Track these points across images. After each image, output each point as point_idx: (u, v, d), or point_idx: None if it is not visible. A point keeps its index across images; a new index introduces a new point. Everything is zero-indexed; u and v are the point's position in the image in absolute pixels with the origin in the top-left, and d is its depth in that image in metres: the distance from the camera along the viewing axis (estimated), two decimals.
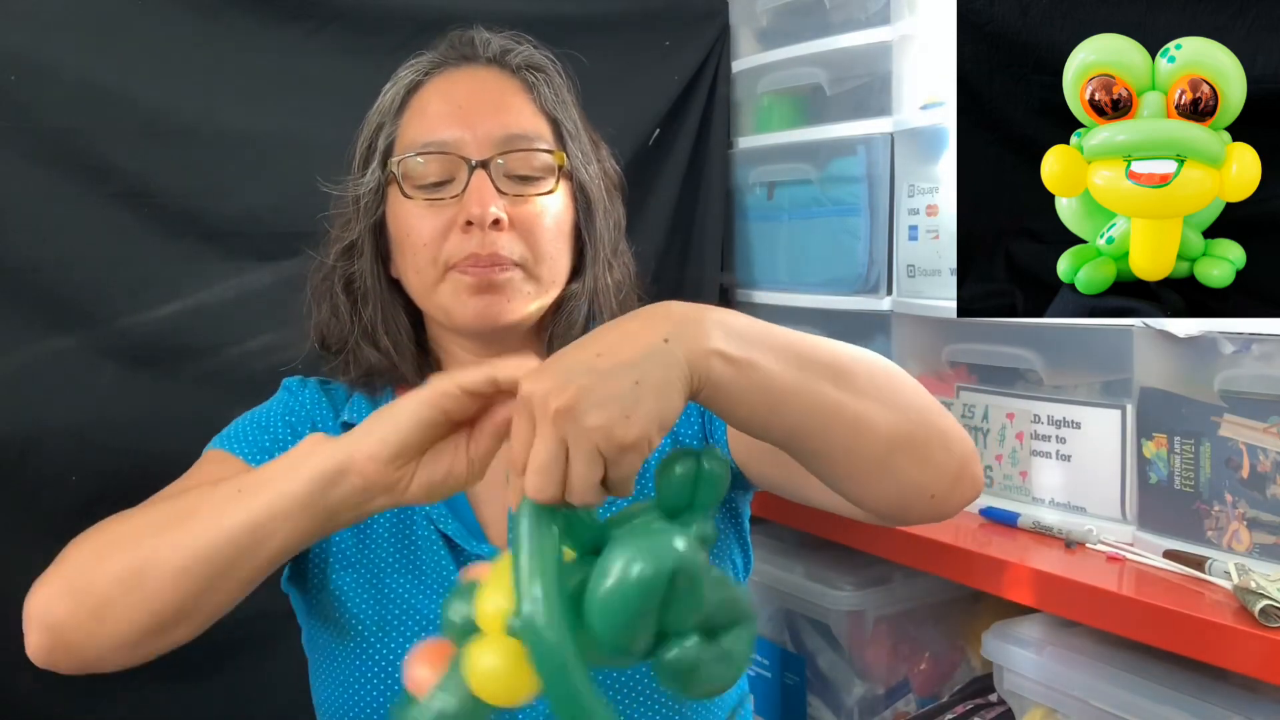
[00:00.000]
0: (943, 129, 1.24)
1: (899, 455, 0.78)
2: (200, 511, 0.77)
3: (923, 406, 0.80)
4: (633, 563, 0.60)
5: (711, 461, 0.67)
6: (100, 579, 0.78)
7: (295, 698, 1.04)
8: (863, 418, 0.75)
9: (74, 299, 1.26)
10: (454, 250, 0.92)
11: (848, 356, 0.78)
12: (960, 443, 0.81)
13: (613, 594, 0.60)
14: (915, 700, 1.34)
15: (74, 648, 0.79)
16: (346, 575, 0.94)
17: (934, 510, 0.82)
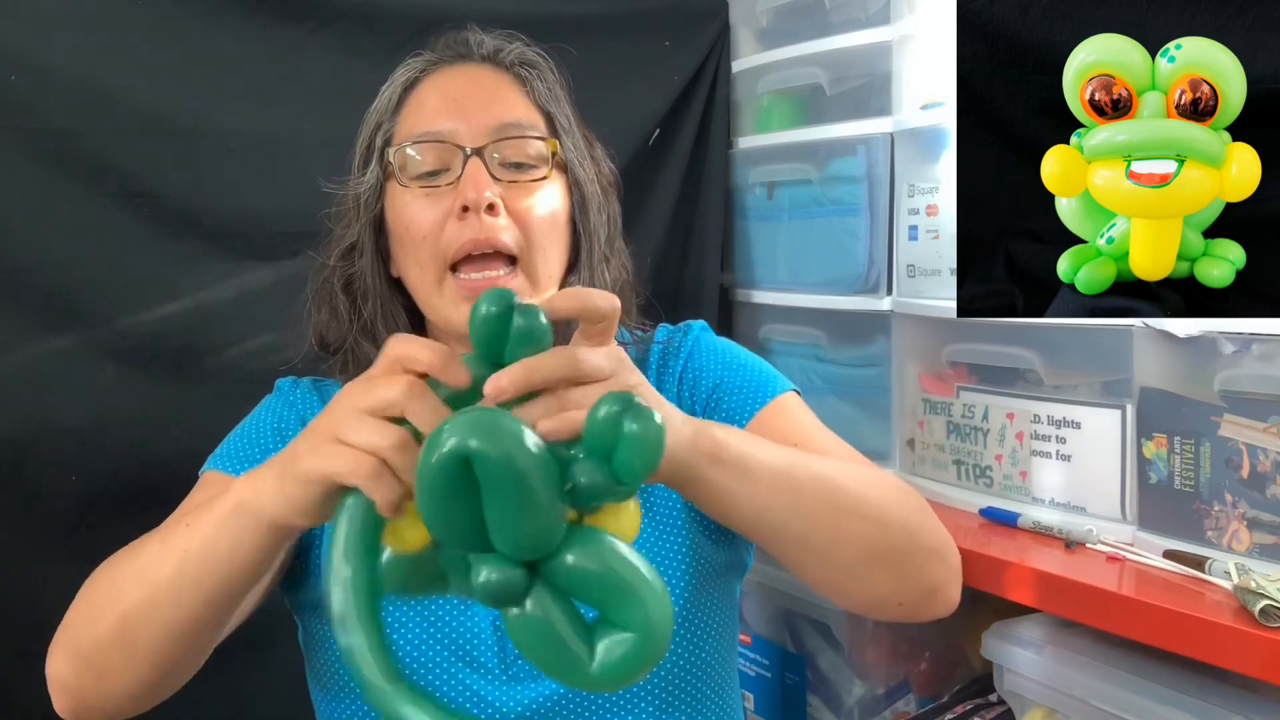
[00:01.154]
0: (943, 129, 1.24)
1: (874, 568, 0.82)
2: (162, 557, 0.78)
3: (908, 525, 0.84)
4: (444, 430, 0.58)
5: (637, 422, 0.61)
6: (96, 641, 0.79)
7: (295, 698, 1.05)
8: (843, 531, 0.80)
9: (74, 299, 1.26)
10: (452, 239, 0.93)
11: (842, 472, 0.82)
12: (940, 564, 0.86)
13: (422, 462, 0.59)
14: (915, 700, 1.34)
15: (92, 706, 0.81)
16: None
17: (901, 616, 0.87)
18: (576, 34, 1.20)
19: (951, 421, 1.26)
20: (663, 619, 0.61)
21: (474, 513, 0.60)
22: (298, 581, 0.97)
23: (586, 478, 0.61)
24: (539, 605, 0.61)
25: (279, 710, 1.25)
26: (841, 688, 1.33)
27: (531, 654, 0.62)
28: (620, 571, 0.61)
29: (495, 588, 0.60)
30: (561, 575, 0.61)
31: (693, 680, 0.94)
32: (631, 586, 0.61)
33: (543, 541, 0.61)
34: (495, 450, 0.57)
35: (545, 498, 0.59)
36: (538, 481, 0.59)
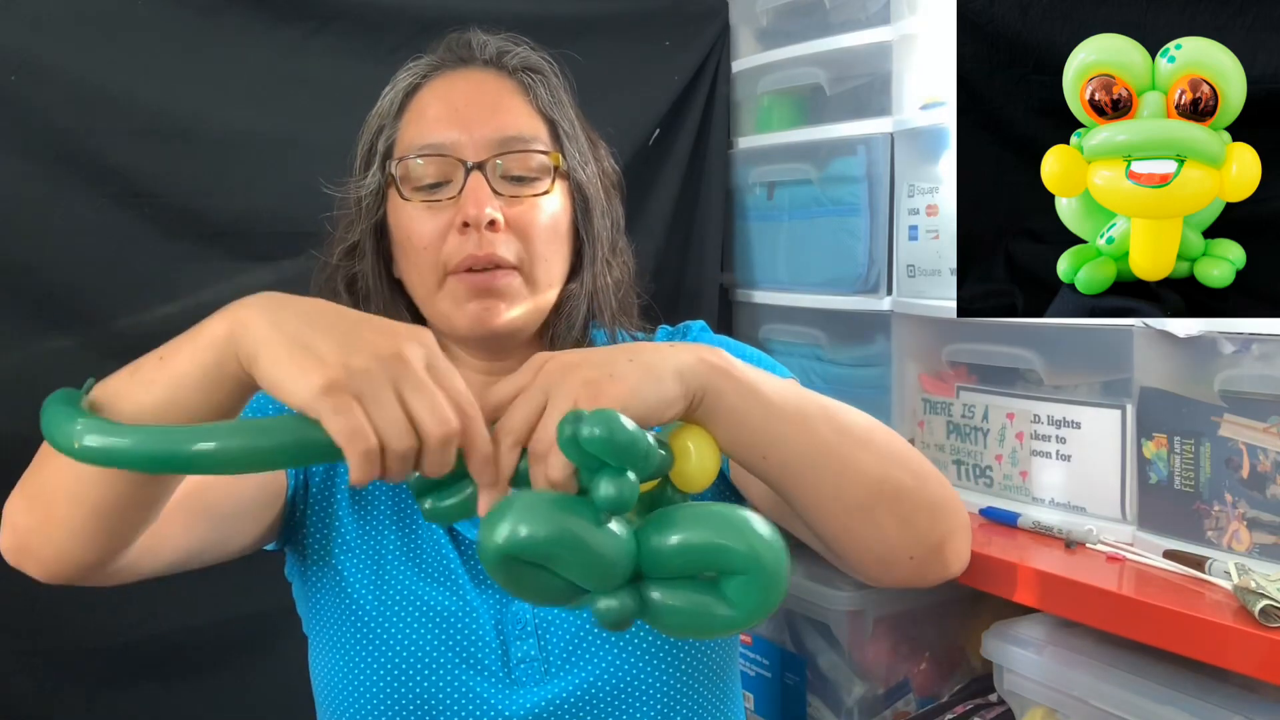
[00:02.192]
0: (943, 129, 1.24)
1: (882, 507, 0.80)
2: (122, 391, 0.74)
3: (915, 470, 0.83)
4: (486, 533, 0.63)
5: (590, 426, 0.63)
6: (49, 477, 0.77)
7: (295, 697, 1.05)
8: (852, 461, 0.79)
9: (74, 299, 1.26)
10: (452, 252, 0.93)
11: (850, 411, 0.82)
12: (950, 516, 0.84)
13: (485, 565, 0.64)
14: (915, 700, 1.34)
15: (33, 550, 0.78)
16: (348, 559, 0.94)
17: (913, 573, 0.84)
18: (576, 34, 1.20)
19: (951, 421, 1.26)
20: (766, 548, 0.64)
21: (550, 576, 0.64)
22: (304, 564, 0.97)
23: (607, 493, 0.64)
24: (660, 602, 0.65)
25: (279, 709, 1.25)
26: (841, 688, 1.33)
27: (682, 633, 0.67)
28: (701, 540, 0.64)
29: (614, 618, 0.65)
30: (660, 569, 0.65)
31: (694, 682, 0.94)
32: (717, 545, 0.64)
33: (618, 568, 0.64)
34: (528, 539, 0.62)
35: (591, 542, 0.63)
36: (572, 539, 0.62)
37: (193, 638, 1.31)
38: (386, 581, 0.93)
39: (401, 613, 0.92)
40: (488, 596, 0.93)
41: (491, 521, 0.63)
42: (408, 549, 0.95)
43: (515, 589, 0.65)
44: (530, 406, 0.69)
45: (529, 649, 0.91)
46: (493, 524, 0.62)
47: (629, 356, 0.71)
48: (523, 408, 0.69)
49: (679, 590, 0.65)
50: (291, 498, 0.95)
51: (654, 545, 0.64)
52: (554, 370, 0.70)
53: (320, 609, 0.96)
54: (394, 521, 0.96)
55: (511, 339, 0.97)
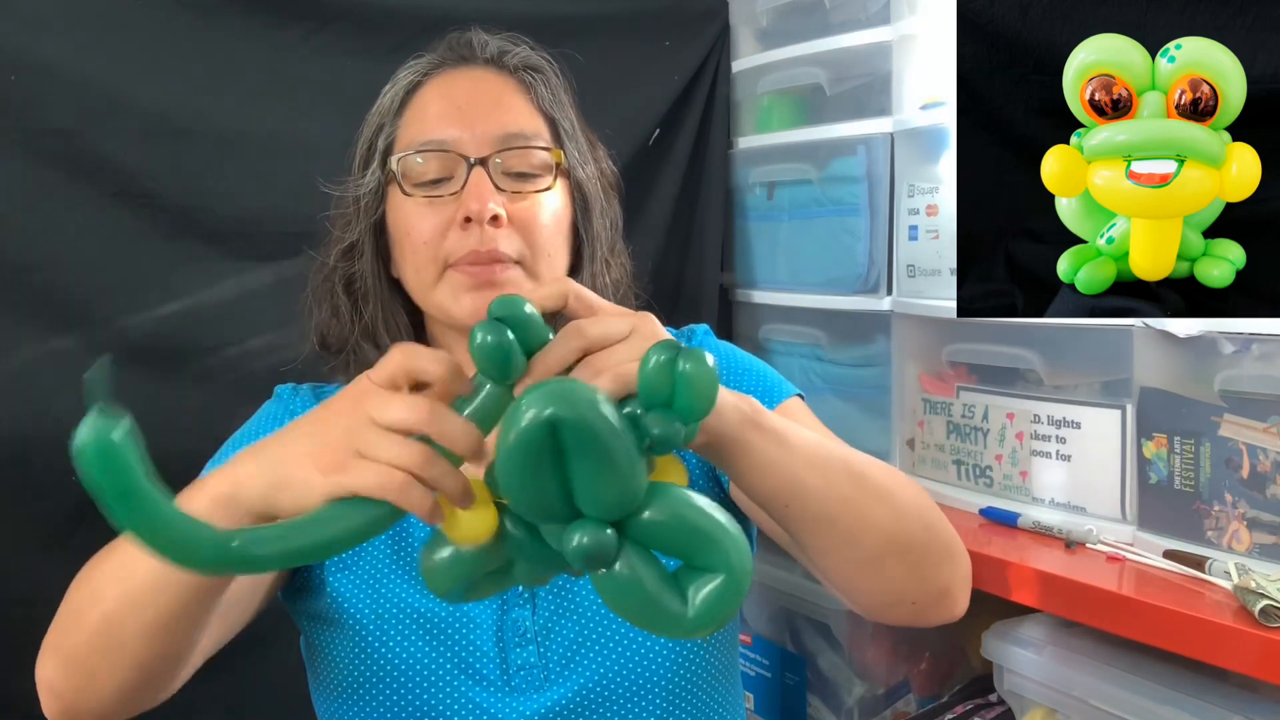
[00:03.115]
0: (943, 129, 1.24)
1: (892, 559, 0.82)
2: (136, 569, 0.76)
3: (927, 522, 0.84)
4: (522, 406, 0.59)
5: (690, 362, 0.63)
6: (81, 643, 0.79)
7: (295, 697, 1.05)
8: (868, 515, 0.80)
9: (74, 299, 1.26)
10: (453, 248, 0.93)
11: (871, 464, 0.83)
12: (956, 566, 0.86)
13: (502, 441, 0.60)
14: (915, 700, 1.34)
15: (80, 710, 0.81)
16: (343, 576, 0.94)
17: (911, 617, 0.86)
18: (576, 34, 1.20)
19: (951, 421, 1.26)
20: (743, 557, 0.63)
21: (558, 483, 0.61)
22: (299, 591, 0.96)
23: (660, 428, 0.62)
24: (627, 564, 0.63)
25: (279, 710, 1.25)
26: (841, 688, 1.33)
27: (625, 611, 0.64)
28: (697, 520, 0.63)
29: (590, 549, 0.62)
30: (643, 531, 0.63)
31: (694, 685, 0.94)
32: (709, 532, 0.63)
33: (629, 499, 0.62)
34: (579, 415, 0.59)
35: (629, 456, 0.61)
36: (622, 441, 0.60)
37: None
38: (382, 595, 0.93)
39: (399, 625, 0.91)
40: (487, 604, 0.92)
41: (547, 390, 0.59)
42: (402, 561, 0.94)
43: (517, 484, 0.61)
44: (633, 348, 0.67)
45: (529, 656, 0.91)
46: (549, 393, 0.59)
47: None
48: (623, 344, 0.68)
49: (647, 563, 0.63)
50: None
51: (649, 506, 0.63)
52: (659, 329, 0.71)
53: (317, 627, 0.95)
54: (388, 535, 0.96)
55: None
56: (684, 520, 0.63)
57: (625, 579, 0.63)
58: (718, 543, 0.63)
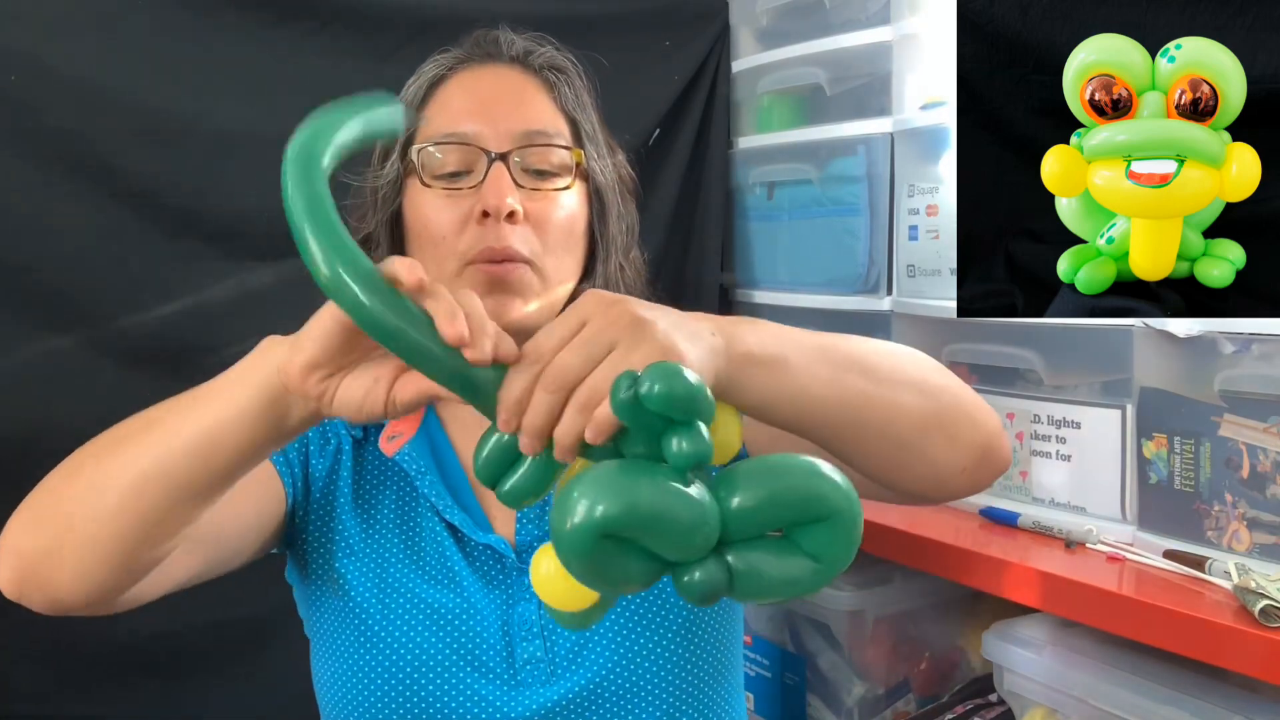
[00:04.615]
0: (943, 129, 1.24)
1: (930, 436, 0.80)
2: (156, 423, 0.76)
3: (948, 387, 0.83)
4: (570, 516, 0.58)
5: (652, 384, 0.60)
6: (64, 502, 0.76)
7: (295, 697, 1.05)
8: (893, 405, 0.78)
9: (74, 299, 1.26)
10: (470, 243, 0.93)
11: (872, 348, 0.81)
12: (987, 418, 0.84)
13: (559, 549, 0.60)
14: (915, 700, 1.34)
15: (41, 578, 0.77)
16: (350, 563, 0.94)
17: (967, 485, 0.84)
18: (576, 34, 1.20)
19: None
20: (837, 492, 0.62)
21: (636, 556, 0.60)
22: (305, 576, 0.97)
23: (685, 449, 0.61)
24: (744, 568, 0.62)
25: (279, 709, 1.25)
26: (841, 688, 1.33)
27: (760, 597, 0.64)
28: (775, 490, 0.62)
29: (704, 590, 0.61)
30: (737, 530, 0.62)
31: (699, 680, 0.94)
32: (794, 492, 0.62)
33: (712, 529, 0.61)
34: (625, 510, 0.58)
35: (689, 502, 0.60)
36: (676, 498, 0.59)
37: (193, 638, 1.31)
38: (390, 584, 0.93)
39: (405, 615, 0.92)
40: (494, 597, 0.93)
41: (571, 503, 0.58)
42: (410, 551, 0.95)
43: (598, 577, 0.61)
44: (590, 354, 0.65)
45: (535, 650, 0.91)
46: (574, 505, 0.58)
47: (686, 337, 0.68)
48: (581, 351, 0.65)
49: (760, 552, 0.62)
50: (291, 506, 0.95)
51: (734, 504, 0.61)
52: (626, 321, 0.66)
53: (322, 612, 0.96)
54: (397, 524, 0.96)
55: (521, 334, 0.97)
56: (766, 498, 0.61)
57: (750, 577, 0.62)
58: (808, 495, 0.61)
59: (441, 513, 0.94)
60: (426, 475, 0.96)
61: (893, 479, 0.83)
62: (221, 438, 0.73)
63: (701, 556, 0.61)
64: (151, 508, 0.75)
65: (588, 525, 0.58)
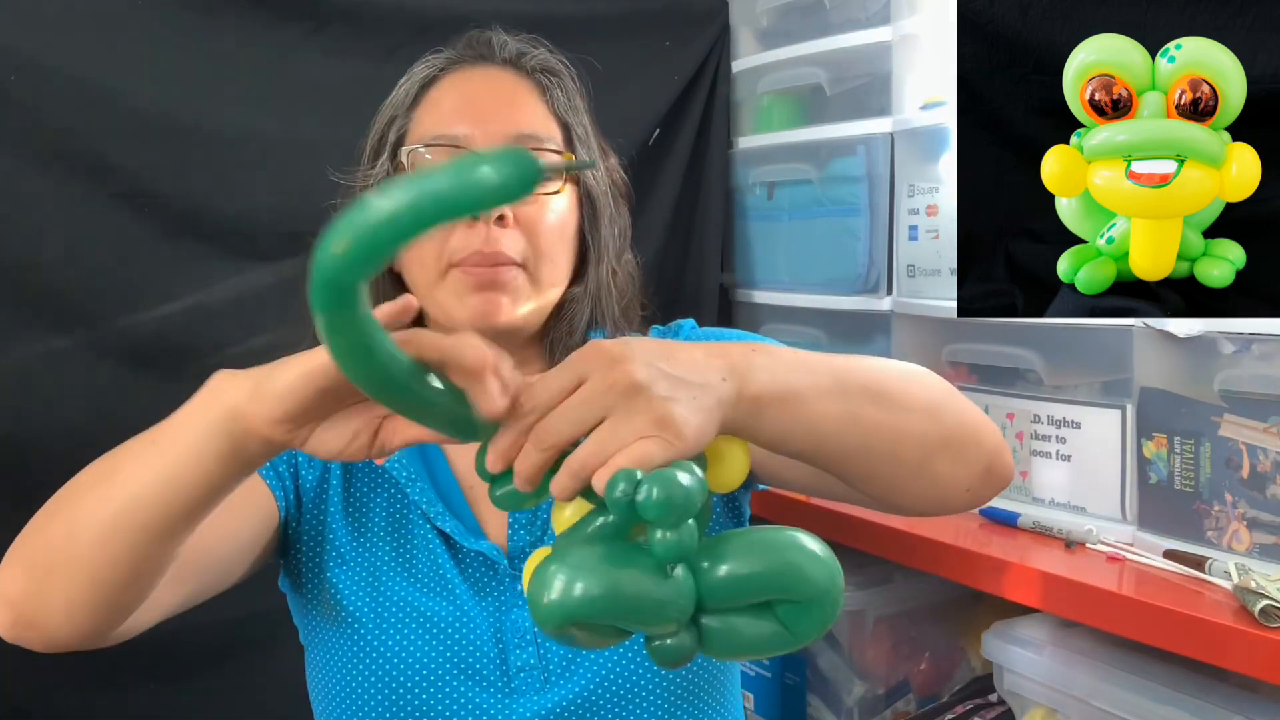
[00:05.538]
0: (943, 129, 1.24)
1: (937, 459, 0.79)
2: (120, 469, 0.76)
3: (955, 408, 0.82)
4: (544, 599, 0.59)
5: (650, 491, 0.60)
6: (43, 549, 0.77)
7: (295, 698, 1.04)
8: (903, 431, 0.77)
9: (74, 299, 1.26)
10: (458, 246, 0.92)
11: (883, 372, 0.80)
12: (990, 435, 0.83)
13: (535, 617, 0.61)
14: (915, 700, 1.34)
15: (32, 621, 0.78)
16: (342, 572, 0.94)
17: (969, 501, 0.84)
18: (576, 34, 1.20)
19: None
20: (821, 573, 0.62)
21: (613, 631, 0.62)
22: (298, 586, 0.96)
23: (670, 543, 0.60)
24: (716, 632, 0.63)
25: (279, 710, 1.25)
26: (841, 688, 1.33)
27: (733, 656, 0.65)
28: (759, 570, 0.62)
29: (674, 657, 0.62)
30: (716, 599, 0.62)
31: (694, 685, 0.94)
32: (778, 574, 0.62)
33: (685, 612, 0.62)
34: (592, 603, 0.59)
35: (662, 593, 0.60)
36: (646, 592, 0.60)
37: (193, 638, 1.30)
38: (382, 593, 0.93)
39: (398, 624, 0.91)
40: (487, 605, 0.92)
41: (547, 587, 0.59)
42: (402, 560, 0.94)
43: (569, 644, 0.63)
44: (582, 418, 0.64)
45: (528, 657, 0.91)
46: (549, 590, 0.59)
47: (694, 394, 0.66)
48: (573, 415, 0.64)
49: (736, 619, 0.63)
50: (284, 518, 0.95)
51: (712, 578, 0.61)
52: (623, 388, 0.64)
53: (316, 622, 0.95)
54: (389, 533, 0.95)
55: (511, 337, 0.97)
56: (749, 578, 0.62)
57: (721, 641, 0.63)
58: (793, 579, 0.62)
59: (433, 520, 0.94)
60: (417, 482, 0.95)
61: (897, 500, 0.82)
62: (180, 483, 0.72)
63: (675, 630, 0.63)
64: (122, 552, 0.74)
65: (562, 609, 0.59)
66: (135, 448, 0.76)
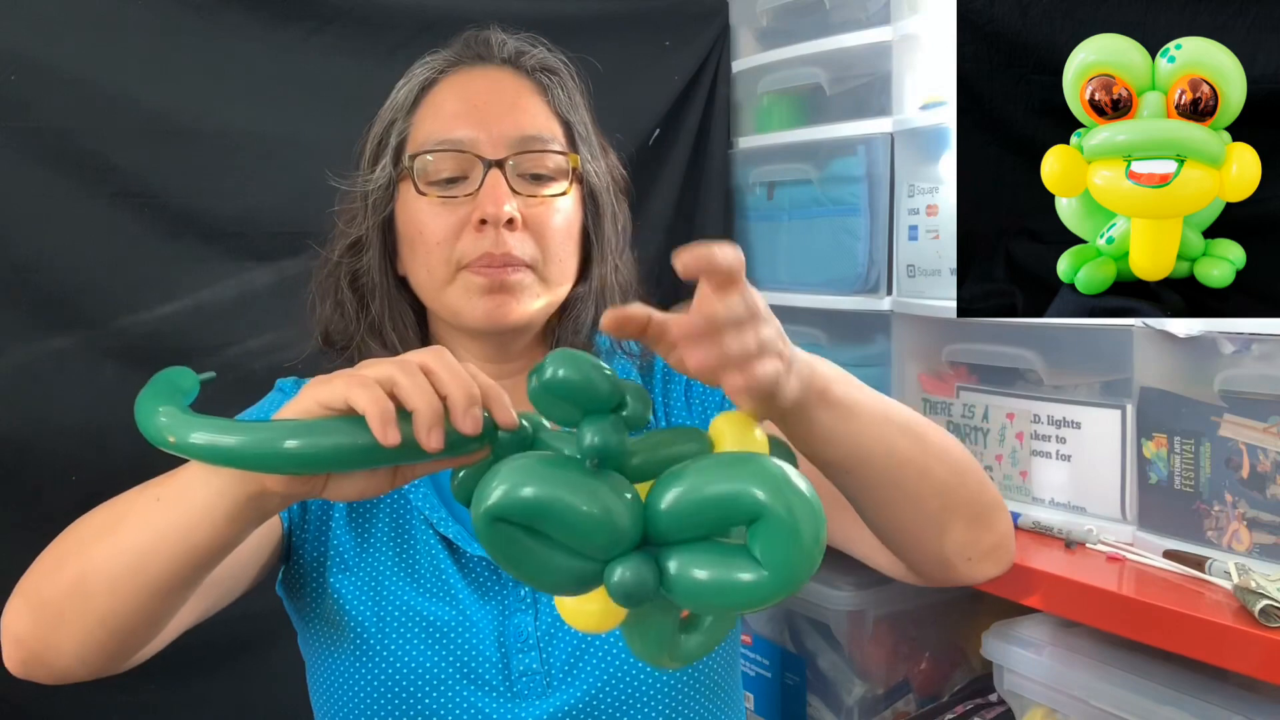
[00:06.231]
0: (943, 129, 1.24)
1: (952, 516, 0.82)
2: (128, 520, 0.75)
3: (980, 479, 0.84)
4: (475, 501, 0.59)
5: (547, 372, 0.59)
6: (52, 591, 0.77)
7: (295, 698, 1.04)
8: (930, 475, 0.80)
9: (74, 299, 1.26)
10: (467, 249, 0.92)
11: (922, 419, 0.82)
12: (1003, 520, 0.86)
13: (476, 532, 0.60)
14: (915, 700, 1.34)
15: (42, 660, 0.79)
16: (345, 578, 0.94)
17: (966, 574, 0.85)
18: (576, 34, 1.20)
19: (952, 421, 1.26)
20: (781, 491, 0.57)
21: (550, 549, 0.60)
22: (299, 591, 0.96)
23: (589, 439, 0.59)
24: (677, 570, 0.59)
25: (279, 710, 1.25)
26: (841, 688, 1.33)
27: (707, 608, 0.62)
28: (708, 491, 0.58)
29: (628, 588, 0.59)
30: (671, 531, 0.59)
31: (697, 689, 0.94)
32: (730, 495, 0.57)
33: (619, 525, 0.59)
34: (512, 495, 0.58)
35: (584, 491, 0.58)
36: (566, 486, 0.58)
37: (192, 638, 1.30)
38: (384, 598, 0.93)
39: (401, 629, 0.91)
40: (489, 609, 0.92)
41: (479, 488, 0.59)
42: (405, 565, 0.94)
43: (517, 566, 0.60)
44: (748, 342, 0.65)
45: (531, 661, 0.91)
46: (480, 489, 0.58)
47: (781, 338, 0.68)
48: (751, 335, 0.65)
49: (698, 554, 0.58)
50: (288, 529, 0.95)
51: (663, 501, 0.58)
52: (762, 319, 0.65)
53: (317, 627, 0.95)
54: (391, 538, 0.95)
55: (520, 336, 0.97)
56: (699, 498, 0.58)
57: (683, 581, 0.59)
58: (745, 496, 0.57)
59: (435, 525, 0.94)
60: (420, 488, 0.95)
61: (902, 546, 0.84)
62: (194, 541, 0.72)
63: (621, 554, 0.59)
64: (133, 602, 0.75)
65: (482, 510, 0.58)
66: (141, 502, 0.76)
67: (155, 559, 0.73)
